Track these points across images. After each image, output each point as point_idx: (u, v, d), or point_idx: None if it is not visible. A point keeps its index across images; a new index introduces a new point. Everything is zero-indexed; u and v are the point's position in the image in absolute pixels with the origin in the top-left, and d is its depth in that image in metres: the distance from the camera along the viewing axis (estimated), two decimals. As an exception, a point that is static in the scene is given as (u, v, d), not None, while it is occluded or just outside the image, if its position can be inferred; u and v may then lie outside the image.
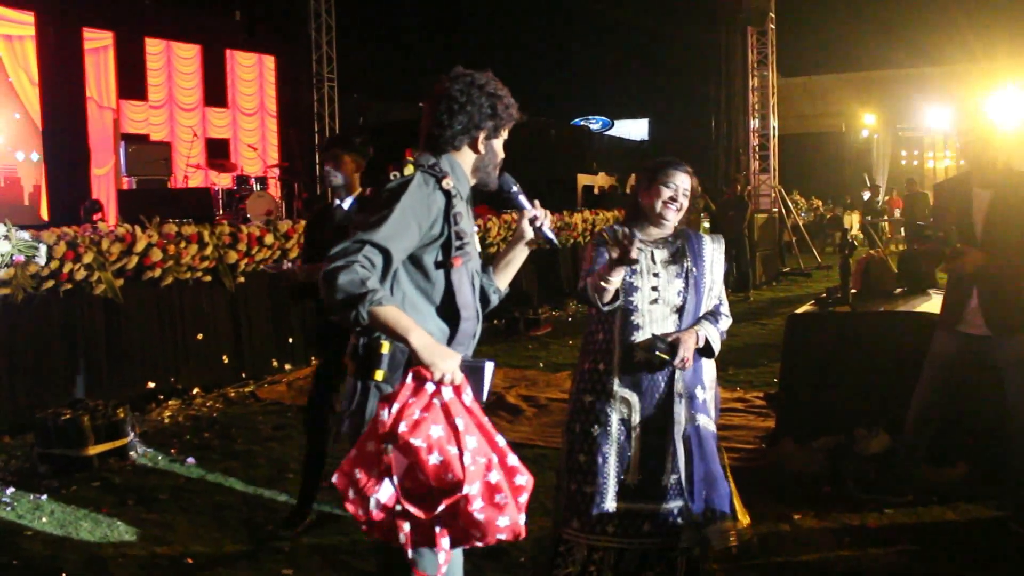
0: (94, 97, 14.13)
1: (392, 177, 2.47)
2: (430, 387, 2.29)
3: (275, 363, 8.04)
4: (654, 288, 3.21)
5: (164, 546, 4.15)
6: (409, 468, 2.25)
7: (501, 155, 2.69)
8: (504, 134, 2.67)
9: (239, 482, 5.06)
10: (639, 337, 3.18)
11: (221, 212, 12.02)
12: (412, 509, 2.23)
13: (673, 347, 3.14)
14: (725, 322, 3.33)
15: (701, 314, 3.28)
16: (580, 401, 3.25)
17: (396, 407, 2.24)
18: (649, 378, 3.19)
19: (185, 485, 5.04)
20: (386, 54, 26.84)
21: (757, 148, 17.51)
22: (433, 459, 2.23)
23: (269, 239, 7.80)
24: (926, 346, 4.87)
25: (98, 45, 14.14)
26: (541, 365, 8.27)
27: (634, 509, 3.15)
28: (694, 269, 3.25)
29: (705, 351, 3.26)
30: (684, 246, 3.28)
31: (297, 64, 17.51)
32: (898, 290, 5.95)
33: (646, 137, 37.27)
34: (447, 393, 2.29)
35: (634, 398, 3.19)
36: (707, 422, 3.27)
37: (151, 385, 6.90)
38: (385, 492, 2.25)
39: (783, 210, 17.13)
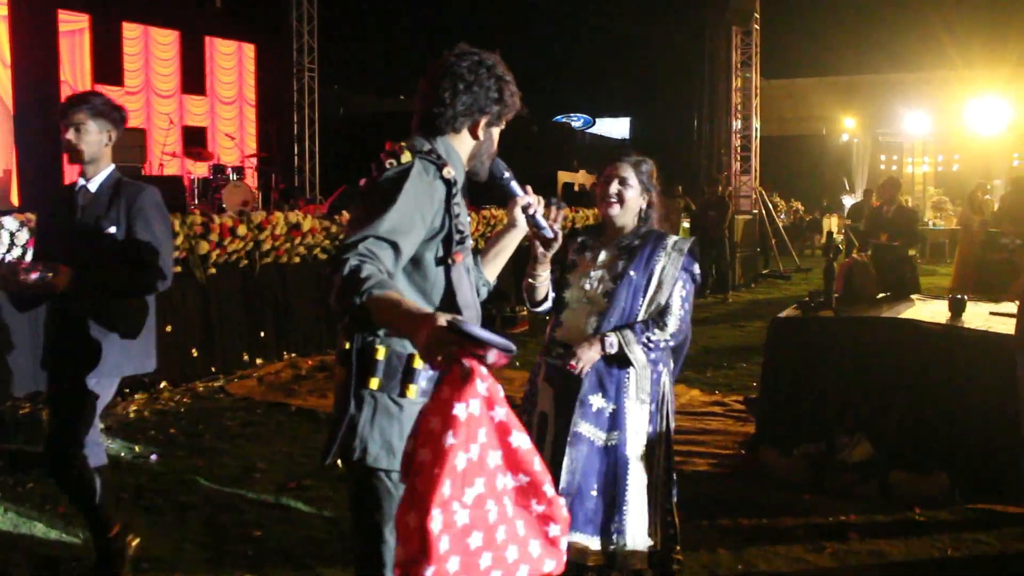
0: (68, 81, 13.83)
1: (388, 165, 2.24)
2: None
3: (246, 357, 7.86)
4: (584, 287, 3.16)
5: (121, 548, 3.98)
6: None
7: (496, 146, 2.52)
8: (504, 123, 2.49)
9: (204, 481, 4.89)
10: (560, 333, 3.19)
11: (196, 201, 11.81)
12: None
13: (564, 355, 3.12)
14: (659, 333, 3.10)
15: (634, 321, 3.10)
16: (528, 385, 3.31)
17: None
18: (563, 376, 3.13)
19: (147, 483, 4.87)
20: (368, 46, 26.64)
21: (739, 149, 17.46)
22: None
23: (242, 230, 7.62)
24: (909, 352, 4.81)
25: (73, 28, 13.85)
26: (518, 364, 8.14)
27: None
28: (632, 272, 3.11)
29: (622, 361, 3.08)
30: (635, 248, 3.14)
31: (278, 53, 17.27)
32: (881, 295, 5.88)
33: (627, 136, 37.25)
34: (474, 406, 1.78)
35: (549, 392, 3.19)
36: (592, 432, 3.06)
37: (117, 378, 6.70)
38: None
39: (763, 212, 17.09)
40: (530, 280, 3.07)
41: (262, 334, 8.06)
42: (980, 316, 5.24)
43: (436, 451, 1.73)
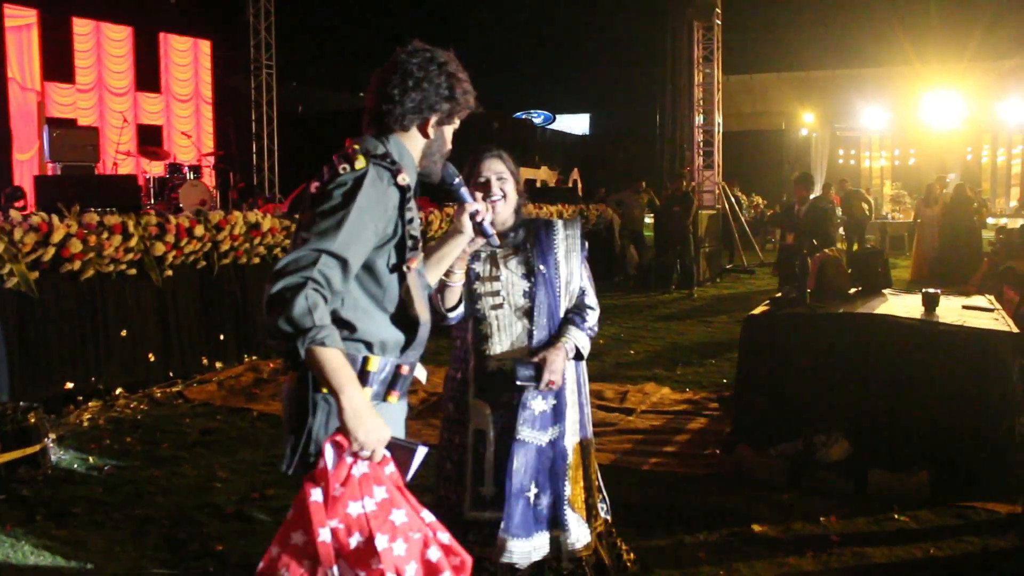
0: (16, 78, 13.46)
1: (342, 171, 2.18)
2: (349, 458, 2.07)
3: (205, 361, 7.64)
4: (495, 292, 3.01)
5: (74, 567, 3.77)
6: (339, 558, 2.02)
7: (449, 145, 2.46)
8: (456, 122, 2.45)
9: (161, 493, 4.68)
10: (490, 347, 3.00)
11: (153, 201, 11.53)
12: None
13: (539, 370, 2.94)
14: (592, 316, 3.13)
15: (561, 313, 3.07)
16: (446, 408, 3.13)
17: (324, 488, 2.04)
18: (503, 391, 2.99)
19: (102, 496, 4.65)
20: (326, 42, 26.32)
21: (701, 144, 17.44)
22: (354, 541, 2.01)
23: (199, 230, 7.39)
24: (886, 349, 4.73)
25: (20, 23, 13.47)
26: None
27: (487, 519, 2.99)
28: (542, 266, 3.03)
29: (576, 356, 3.10)
30: (528, 239, 3.07)
31: (234, 49, 16.99)
32: (853, 290, 5.82)
33: (587, 132, 37.26)
34: (363, 466, 2.07)
35: (487, 410, 3.01)
36: (535, 436, 3.01)
37: (69, 385, 6.46)
38: None
39: (727, 207, 17.10)
40: (444, 280, 2.84)
41: (221, 337, 7.83)
42: (953, 310, 5.19)
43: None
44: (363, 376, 2.21)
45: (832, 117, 30.52)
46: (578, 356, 3.09)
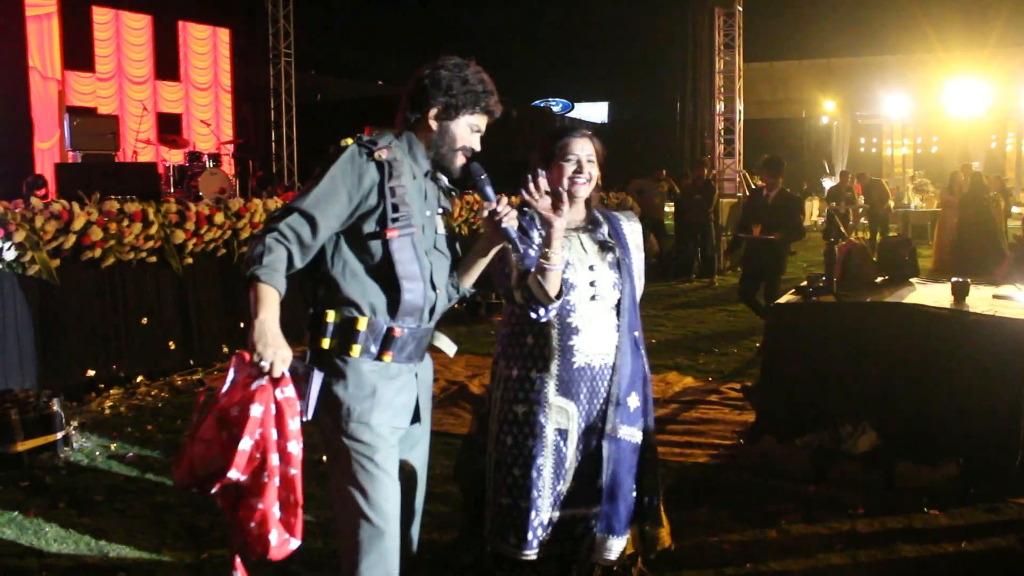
0: (37, 67, 13.47)
1: (331, 151, 2.52)
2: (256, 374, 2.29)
3: (225, 349, 7.62)
4: (592, 283, 2.87)
5: (96, 555, 3.76)
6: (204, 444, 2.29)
7: (466, 141, 2.62)
8: (466, 117, 2.60)
9: (183, 481, 4.67)
10: (578, 341, 2.86)
11: (172, 189, 11.54)
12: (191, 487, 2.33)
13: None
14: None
15: (637, 306, 3.02)
16: (511, 412, 2.92)
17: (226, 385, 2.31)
18: (588, 386, 2.90)
19: (124, 484, 4.64)
20: (345, 31, 26.25)
21: (722, 132, 17.31)
22: (222, 435, 2.25)
23: (219, 218, 7.38)
24: (915, 338, 4.65)
25: (41, 12, 13.46)
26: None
27: (567, 516, 2.95)
28: (625, 258, 2.96)
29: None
30: (608, 230, 2.98)
31: (253, 38, 16.95)
32: (879, 279, 5.72)
33: (606, 120, 37.09)
34: (262, 380, 2.27)
35: (571, 407, 2.90)
36: (631, 433, 2.99)
37: (91, 373, 6.46)
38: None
39: (747, 194, 16.97)
40: (543, 263, 2.63)
41: (242, 325, 7.81)
42: (984, 300, 5.09)
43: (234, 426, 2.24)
44: (353, 335, 2.50)
45: (853, 105, 30.27)
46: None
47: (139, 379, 6.75)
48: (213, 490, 2.25)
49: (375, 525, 2.51)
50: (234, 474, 2.21)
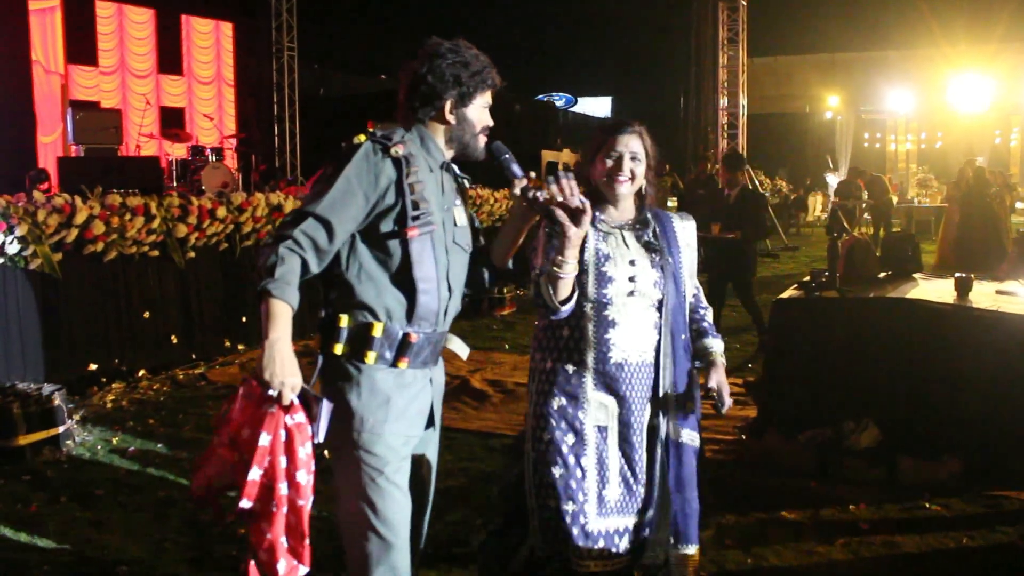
0: (40, 61, 13.47)
1: (343, 147, 2.43)
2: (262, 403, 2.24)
3: (227, 343, 7.64)
4: (631, 278, 2.72)
5: (97, 549, 3.76)
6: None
7: (484, 122, 2.58)
8: (478, 100, 2.54)
9: (184, 475, 4.67)
10: (615, 335, 2.70)
11: (175, 183, 11.54)
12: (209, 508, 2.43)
13: (720, 397, 2.82)
14: (709, 315, 2.98)
15: (685, 308, 2.86)
16: (547, 406, 2.74)
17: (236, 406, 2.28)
18: (626, 382, 2.73)
19: (126, 478, 4.65)
20: (348, 24, 26.20)
21: (725, 127, 17.28)
22: (234, 457, 2.25)
23: (221, 212, 7.38)
24: (917, 333, 4.64)
25: (44, 6, 13.46)
26: (507, 347, 7.96)
27: (616, 525, 2.74)
28: (670, 258, 2.81)
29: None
30: (655, 230, 2.83)
31: (256, 32, 16.94)
32: (882, 274, 5.71)
33: (610, 114, 37.02)
34: (272, 407, 2.22)
35: (611, 402, 2.73)
36: (692, 437, 2.85)
37: (93, 367, 6.47)
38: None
39: (750, 188, 16.93)
40: (555, 267, 2.52)
41: (244, 319, 7.82)
42: (987, 295, 5.08)
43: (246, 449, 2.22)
44: (368, 341, 2.40)
45: (857, 100, 30.17)
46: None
47: (141, 373, 6.75)
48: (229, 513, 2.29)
49: (384, 539, 2.43)
50: (245, 504, 2.19)
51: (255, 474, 2.17)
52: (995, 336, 4.50)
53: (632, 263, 2.74)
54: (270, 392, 2.19)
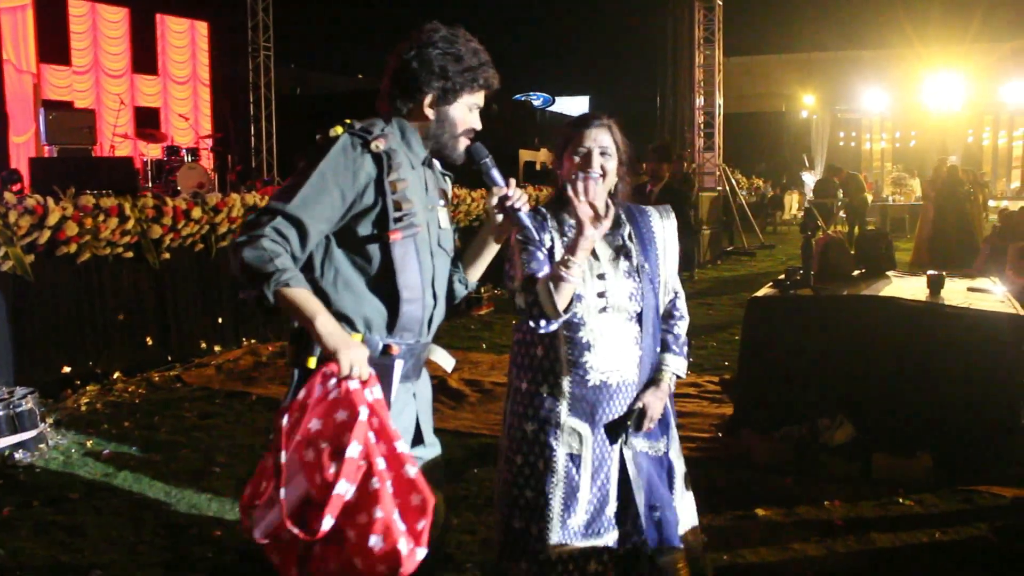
0: (11, 60, 13.30)
1: (318, 140, 2.21)
2: (333, 383, 2.04)
3: (203, 345, 7.59)
4: (600, 294, 2.54)
5: (70, 553, 3.73)
6: (296, 478, 2.02)
7: (468, 124, 2.36)
8: (465, 98, 2.33)
9: (160, 478, 4.64)
10: (592, 358, 2.54)
11: (151, 184, 11.44)
12: (295, 530, 1.96)
13: (640, 419, 2.62)
14: (683, 328, 2.76)
15: (660, 314, 2.69)
16: (520, 429, 2.61)
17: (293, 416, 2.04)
18: (604, 406, 2.57)
19: (100, 481, 4.61)
20: (325, 24, 26.10)
21: (702, 126, 17.36)
22: (308, 455, 2.01)
23: (197, 213, 7.33)
24: (891, 331, 4.69)
25: (15, 4, 13.29)
26: (484, 346, 7.96)
27: (586, 548, 2.60)
28: (645, 264, 2.63)
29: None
30: (629, 232, 2.66)
31: (232, 31, 16.81)
32: (856, 272, 5.76)
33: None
34: (353, 383, 2.04)
35: (585, 429, 2.57)
36: (655, 448, 2.70)
37: (66, 370, 6.40)
38: (271, 516, 2.03)
39: (727, 189, 17.02)
40: (560, 272, 2.35)
41: (220, 320, 7.78)
42: (959, 293, 5.14)
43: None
44: None
45: (833, 99, 30.39)
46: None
47: (116, 375, 6.69)
48: (323, 525, 1.95)
49: None
50: (343, 486, 1.94)
51: (353, 450, 1.95)
52: (967, 333, 4.56)
53: (601, 276, 2.56)
54: (352, 372, 2.03)
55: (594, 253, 2.55)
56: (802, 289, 5.17)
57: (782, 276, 5.48)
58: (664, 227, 2.73)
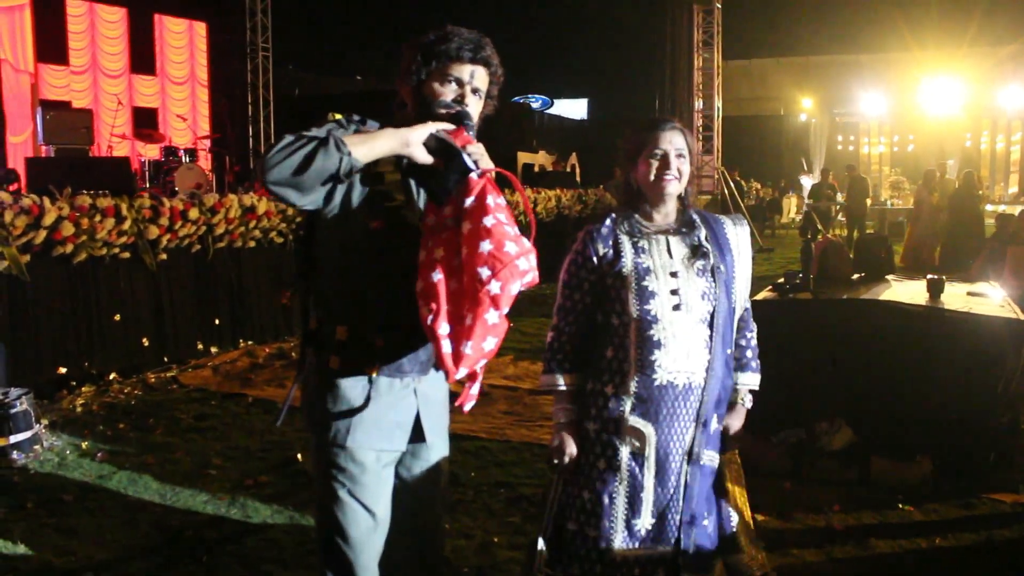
0: (9, 60, 13.30)
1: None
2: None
3: (200, 346, 7.56)
4: (674, 291, 2.52)
5: (64, 556, 3.70)
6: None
7: (443, 96, 2.26)
8: (441, 71, 2.26)
9: (154, 479, 4.61)
10: (661, 356, 2.49)
11: (148, 185, 11.41)
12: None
13: (726, 442, 2.68)
14: (755, 340, 2.78)
15: (733, 320, 2.65)
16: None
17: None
18: (668, 407, 2.52)
19: (94, 483, 4.58)
20: (323, 25, 26.10)
21: (700, 129, 17.36)
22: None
23: (194, 213, 7.30)
24: (890, 335, 4.67)
25: (13, 3, 13.30)
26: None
27: (646, 555, 2.54)
28: (721, 266, 2.59)
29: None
30: (705, 235, 2.62)
31: (230, 32, 16.80)
32: (856, 276, 5.74)
33: (585, 117, 37.10)
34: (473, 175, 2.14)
35: (649, 429, 2.52)
36: (711, 457, 2.64)
37: (62, 370, 6.38)
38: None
39: (726, 192, 17.02)
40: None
41: (216, 321, 7.75)
42: (958, 297, 5.12)
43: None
44: (333, 345, 2.22)
45: (831, 103, 30.46)
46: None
47: (112, 376, 6.67)
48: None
49: (345, 556, 2.27)
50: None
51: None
52: (966, 337, 4.54)
53: (674, 275, 2.54)
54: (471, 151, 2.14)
55: (668, 251, 2.57)
56: (801, 293, 5.15)
57: (781, 280, 5.47)
58: (738, 234, 2.72)
